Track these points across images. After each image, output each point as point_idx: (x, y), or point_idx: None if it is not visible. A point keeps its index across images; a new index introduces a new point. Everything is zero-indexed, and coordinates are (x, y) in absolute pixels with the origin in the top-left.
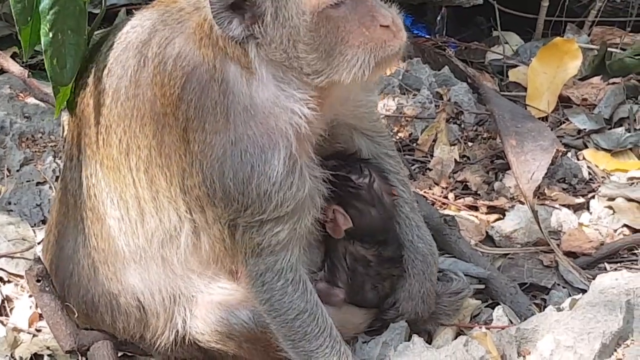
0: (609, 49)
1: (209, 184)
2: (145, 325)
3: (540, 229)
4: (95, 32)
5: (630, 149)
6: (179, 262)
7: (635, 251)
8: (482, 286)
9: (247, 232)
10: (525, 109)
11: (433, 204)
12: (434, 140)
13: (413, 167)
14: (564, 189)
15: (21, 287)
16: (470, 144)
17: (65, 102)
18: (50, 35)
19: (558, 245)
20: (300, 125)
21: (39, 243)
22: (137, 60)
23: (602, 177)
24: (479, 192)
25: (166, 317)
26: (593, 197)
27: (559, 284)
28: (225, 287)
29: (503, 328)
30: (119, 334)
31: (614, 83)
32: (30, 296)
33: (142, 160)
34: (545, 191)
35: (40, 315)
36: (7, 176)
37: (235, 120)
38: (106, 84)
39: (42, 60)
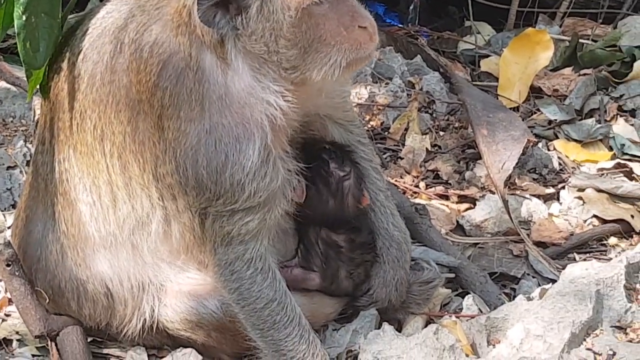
0: (580, 40)
1: (181, 172)
2: (112, 313)
3: (511, 218)
4: (70, 17)
5: (601, 140)
6: (149, 250)
7: (605, 242)
8: (452, 275)
9: (217, 220)
10: (497, 99)
11: (404, 192)
12: (406, 129)
13: (384, 156)
14: (534, 179)
15: None
16: (441, 133)
17: (37, 86)
18: (24, 18)
19: (528, 235)
20: (275, 117)
21: (9, 227)
22: (114, 46)
23: (573, 167)
24: (450, 182)
25: (134, 305)
26: (563, 187)
27: (528, 274)
28: (194, 277)
29: (473, 317)
30: (85, 321)
31: (585, 74)
32: (0, 281)
33: (115, 147)
34: (516, 181)
35: (10, 300)
36: None
37: (210, 109)
38: (81, 69)
39: (14, 43)
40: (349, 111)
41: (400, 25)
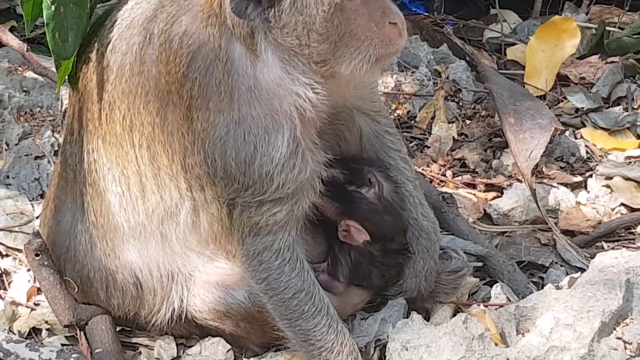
0: (607, 27)
1: (210, 163)
2: (141, 303)
3: (538, 207)
4: (98, 6)
5: (628, 127)
6: (178, 240)
7: (633, 230)
8: (480, 264)
9: (245, 211)
10: (524, 87)
11: (431, 181)
12: (432, 118)
13: (411, 145)
14: (561, 168)
15: (19, 261)
16: (468, 121)
17: (66, 76)
18: (53, 8)
19: (556, 223)
20: (305, 109)
21: (37, 217)
22: (143, 37)
23: (600, 155)
24: (477, 170)
25: (163, 294)
26: (591, 175)
27: (556, 262)
28: (222, 267)
29: (501, 306)
30: (114, 310)
31: (612, 62)
32: (28, 270)
33: (144, 137)
34: (544, 169)
35: (39, 289)
36: (6, 150)
37: (240, 100)
38: (110, 60)
39: (41, 34)
40: (377, 101)
41: (426, 14)
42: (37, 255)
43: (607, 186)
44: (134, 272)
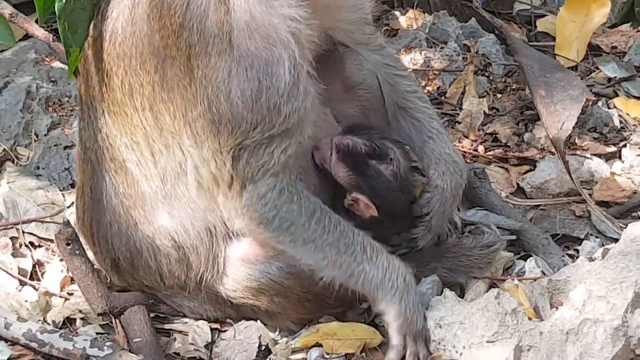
0: None
1: (215, 109)
2: (188, 264)
3: (572, 179)
4: None
5: None
6: (197, 197)
7: None
8: (514, 238)
9: (254, 154)
10: (555, 58)
11: (463, 156)
12: (463, 93)
13: (442, 121)
14: (595, 138)
15: (52, 251)
16: (499, 95)
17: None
18: (63, 1)
19: (590, 195)
20: (299, 30)
21: (68, 207)
22: None
23: (634, 125)
24: (509, 144)
25: (206, 251)
26: (625, 145)
27: (591, 234)
28: (243, 241)
29: (535, 280)
30: (167, 279)
31: None
32: (61, 260)
33: (146, 98)
34: (576, 141)
35: (72, 279)
36: (35, 141)
37: (238, 38)
38: (102, 30)
39: None
40: (373, 34)
41: None
42: (68, 244)
43: None
44: (169, 235)
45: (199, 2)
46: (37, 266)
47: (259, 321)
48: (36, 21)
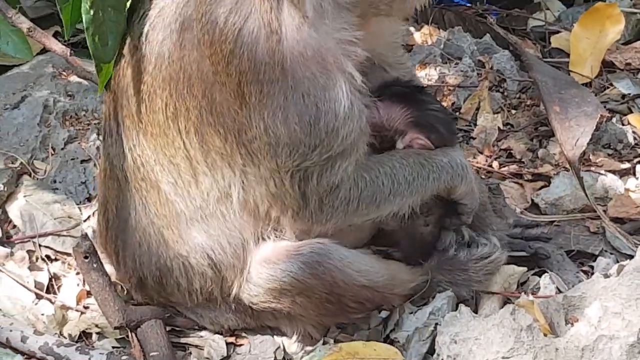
0: None
1: (272, 132)
2: (222, 280)
3: (586, 195)
4: None
5: None
6: (235, 217)
7: None
8: (525, 254)
9: (323, 175)
10: (569, 75)
11: (477, 172)
12: (477, 109)
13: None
14: (609, 155)
15: (68, 264)
16: (513, 111)
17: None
18: (91, 13)
19: (604, 211)
20: (354, 52)
21: (85, 220)
22: (179, 23)
23: None
24: (523, 160)
25: (241, 265)
26: (639, 162)
27: (606, 251)
28: (266, 246)
29: (550, 296)
30: (196, 295)
31: None
32: (77, 274)
33: (191, 122)
34: (591, 157)
35: (88, 293)
36: (52, 155)
37: (292, 66)
38: (146, 52)
39: (84, 38)
40: (402, 56)
41: (469, 5)
42: (86, 257)
43: None
44: (206, 253)
45: (251, 29)
46: (53, 280)
47: (274, 336)
48: (54, 35)
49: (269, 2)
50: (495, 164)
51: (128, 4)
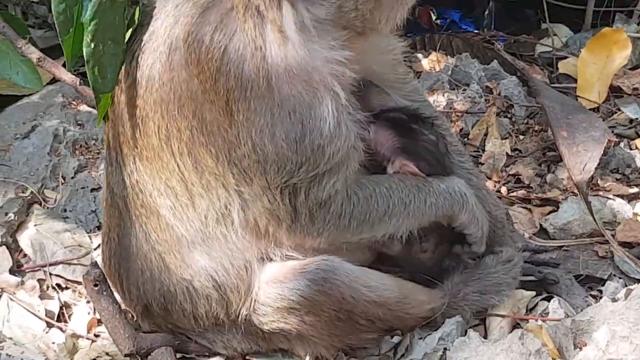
0: None
1: (259, 149)
2: (227, 303)
3: (594, 219)
4: None
5: None
6: (238, 238)
7: None
8: (534, 279)
9: (309, 191)
10: (576, 100)
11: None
12: (485, 135)
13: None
14: (617, 179)
15: (79, 293)
16: (521, 137)
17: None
18: (92, 45)
19: (613, 235)
20: (342, 72)
21: (95, 249)
22: (167, 45)
23: None
24: (531, 185)
25: (246, 287)
26: None
27: (615, 275)
28: (273, 264)
29: (559, 320)
30: (202, 320)
31: None
32: (88, 302)
33: (184, 143)
34: (599, 182)
35: (99, 321)
36: (62, 184)
37: (278, 83)
38: (137, 76)
39: None
40: (405, 76)
41: (476, 31)
42: (95, 285)
43: None
44: (209, 275)
45: (237, 46)
46: (64, 308)
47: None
48: (63, 65)
49: (252, 20)
50: (503, 190)
51: (127, 36)
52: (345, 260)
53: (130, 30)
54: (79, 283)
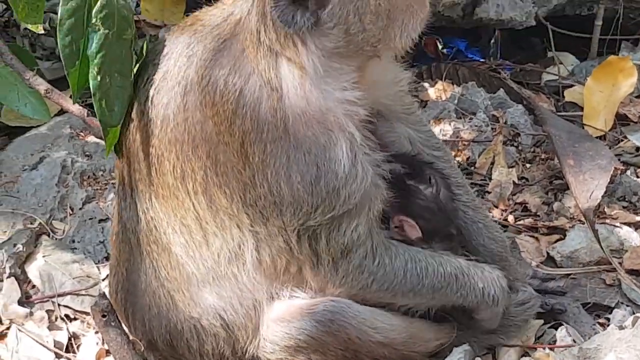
0: None
1: (275, 191)
2: (235, 341)
3: (601, 247)
4: None
5: None
6: (249, 278)
7: None
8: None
9: (330, 235)
10: (583, 128)
11: None
12: (492, 163)
13: (472, 191)
14: (624, 207)
15: (87, 324)
16: (528, 165)
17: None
18: (99, 78)
19: (620, 263)
20: (355, 111)
21: (103, 279)
22: (182, 86)
23: None
24: (538, 214)
25: (253, 326)
26: None
27: (622, 303)
28: (282, 303)
29: (566, 348)
30: (207, 357)
31: None
32: (96, 332)
33: (198, 183)
34: (605, 210)
35: (107, 352)
36: (70, 215)
37: (294, 125)
38: (152, 116)
39: None
40: (411, 106)
41: (482, 60)
42: (104, 316)
43: None
44: (218, 314)
45: (252, 89)
46: (72, 339)
47: None
48: (71, 97)
49: (266, 60)
50: (510, 218)
51: (135, 70)
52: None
53: (138, 64)
54: (87, 314)
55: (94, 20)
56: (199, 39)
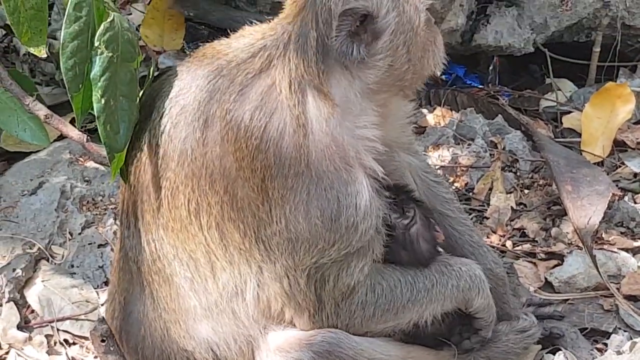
0: None
1: (292, 227)
2: None
3: (599, 273)
4: None
5: None
6: (247, 315)
7: None
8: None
9: (339, 276)
10: (581, 154)
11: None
12: (490, 189)
13: (470, 217)
14: (622, 233)
15: (86, 348)
16: (526, 191)
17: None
18: (103, 101)
19: (618, 289)
20: (374, 148)
21: (102, 304)
22: (203, 120)
23: None
24: (536, 239)
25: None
26: None
27: (620, 328)
28: (278, 336)
29: None
30: None
31: None
32: (95, 357)
33: (213, 217)
34: (603, 235)
35: None
36: (69, 240)
37: (317, 160)
38: (168, 150)
39: None
40: (411, 136)
41: (481, 86)
42: (103, 341)
43: None
44: (210, 348)
45: (277, 125)
46: None
47: None
48: (71, 122)
49: (295, 96)
50: (508, 244)
51: (140, 94)
52: None
53: (144, 89)
54: (86, 338)
55: (97, 44)
56: (224, 74)
